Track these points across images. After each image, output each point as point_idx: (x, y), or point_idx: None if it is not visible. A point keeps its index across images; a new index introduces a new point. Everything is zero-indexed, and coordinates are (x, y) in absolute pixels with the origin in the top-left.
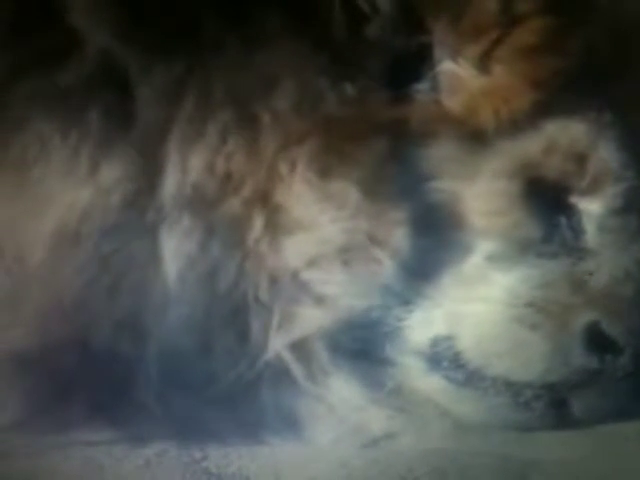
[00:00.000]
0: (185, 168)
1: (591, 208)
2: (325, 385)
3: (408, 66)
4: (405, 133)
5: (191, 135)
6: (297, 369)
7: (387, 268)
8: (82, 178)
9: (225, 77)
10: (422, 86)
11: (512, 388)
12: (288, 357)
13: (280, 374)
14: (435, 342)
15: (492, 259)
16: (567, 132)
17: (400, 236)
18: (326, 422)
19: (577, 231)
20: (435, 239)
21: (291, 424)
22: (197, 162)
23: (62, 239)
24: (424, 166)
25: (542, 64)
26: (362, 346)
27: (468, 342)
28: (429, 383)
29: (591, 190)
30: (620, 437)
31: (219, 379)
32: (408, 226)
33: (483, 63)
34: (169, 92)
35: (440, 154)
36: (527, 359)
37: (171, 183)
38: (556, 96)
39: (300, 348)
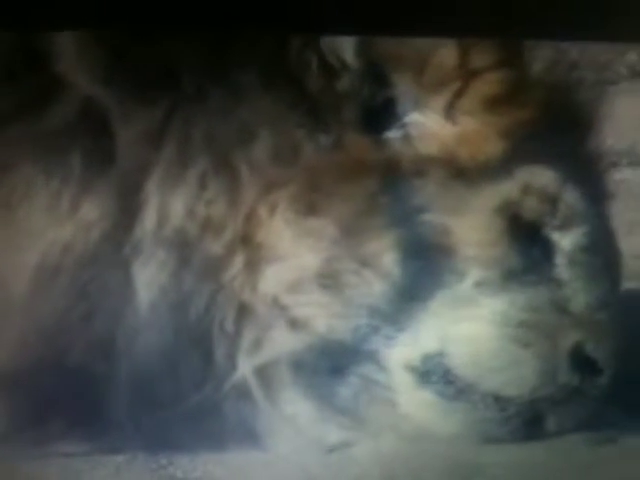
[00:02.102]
0: (165, 211)
1: (563, 244)
2: (285, 401)
3: (377, 117)
4: (396, 171)
5: (171, 179)
6: (258, 393)
7: (377, 290)
8: (64, 216)
9: (204, 125)
10: (393, 134)
11: (500, 403)
12: (252, 381)
13: (243, 394)
14: (425, 359)
15: (480, 285)
16: (538, 177)
17: (391, 261)
18: (285, 433)
19: (552, 264)
20: (426, 264)
21: (253, 435)
22: (178, 206)
23: (44, 270)
24: (415, 200)
25: (505, 115)
26: (332, 364)
27: (460, 359)
28: (418, 397)
29: (563, 228)
30: (571, 443)
31: (186, 398)
32: (399, 252)
33: (449, 114)
34: (149, 137)
35: (430, 190)
36: (519, 376)
37: (150, 222)
38: (523, 144)
39: (264, 372)
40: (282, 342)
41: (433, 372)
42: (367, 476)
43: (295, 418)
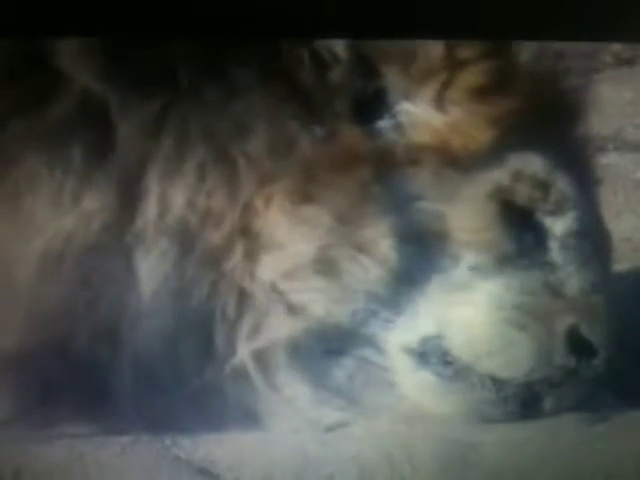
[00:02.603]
0: (166, 201)
1: (555, 229)
2: (283, 384)
3: (368, 107)
4: (390, 160)
5: (170, 171)
6: (257, 376)
7: (373, 275)
8: (66, 207)
9: (201, 119)
10: (384, 124)
11: (497, 384)
12: (250, 365)
13: (243, 377)
14: (424, 341)
15: (475, 269)
16: (528, 164)
17: (387, 247)
18: (284, 414)
19: (544, 248)
20: (421, 250)
21: (252, 417)
22: (178, 197)
23: (48, 259)
24: (409, 188)
25: (493, 104)
26: (330, 347)
27: (457, 341)
28: (418, 378)
29: (554, 213)
30: (563, 422)
31: (187, 382)
32: (394, 238)
33: (438, 104)
34: (148, 130)
35: (423, 179)
36: (515, 357)
37: (151, 213)
38: (513, 133)
39: (262, 356)
40: (280, 327)
41: (431, 354)
42: (363, 455)
43: (293, 400)
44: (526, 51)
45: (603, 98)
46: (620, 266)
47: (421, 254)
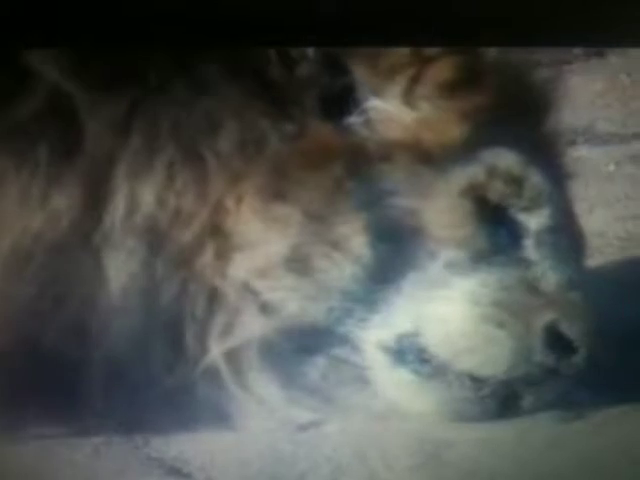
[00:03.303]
0: (134, 200)
1: (530, 225)
2: (256, 383)
3: (337, 103)
4: (362, 157)
5: (139, 169)
6: (228, 375)
7: (348, 273)
8: (34, 206)
9: (170, 116)
10: (354, 120)
11: (476, 382)
12: (222, 365)
13: (214, 377)
14: (400, 339)
15: (451, 265)
16: (502, 159)
17: (361, 244)
18: (257, 414)
19: (520, 244)
20: (396, 246)
21: (224, 416)
22: (147, 196)
23: (16, 257)
24: (382, 185)
25: (463, 99)
26: (304, 346)
27: (434, 339)
28: (395, 376)
29: (529, 209)
30: (540, 419)
31: (158, 381)
32: (369, 235)
33: (408, 99)
34: (115, 128)
35: (396, 175)
36: (493, 355)
37: (119, 211)
38: (485, 128)
39: (234, 356)
40: (253, 326)
41: (408, 351)
42: (338, 455)
43: (265, 399)
44: None
45: (573, 90)
46: (594, 261)
47: (396, 251)
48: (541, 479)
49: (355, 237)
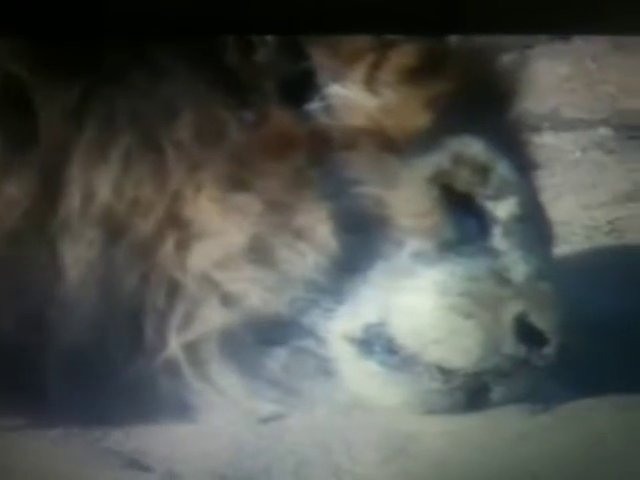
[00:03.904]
0: (91, 189)
1: (497, 214)
2: (217, 375)
3: (297, 89)
4: (324, 144)
5: (95, 158)
6: (188, 367)
7: (312, 263)
8: None
9: (127, 104)
10: (314, 107)
11: (445, 374)
12: (181, 357)
13: (174, 369)
14: (367, 329)
15: (418, 255)
16: (468, 147)
17: (326, 233)
18: (217, 406)
19: (488, 234)
20: (362, 236)
21: (185, 409)
22: (104, 185)
23: None
24: (346, 173)
25: (426, 86)
26: (267, 337)
27: (402, 329)
28: (363, 368)
29: (496, 198)
30: (507, 412)
31: (117, 373)
32: (333, 224)
33: (370, 86)
34: (70, 116)
35: (361, 163)
36: (463, 346)
37: (75, 201)
38: (450, 115)
39: (194, 347)
40: (213, 317)
41: (375, 342)
42: (300, 446)
43: (226, 391)
44: None
45: (538, 75)
46: (560, 250)
47: (362, 240)
48: (509, 472)
49: (319, 227)
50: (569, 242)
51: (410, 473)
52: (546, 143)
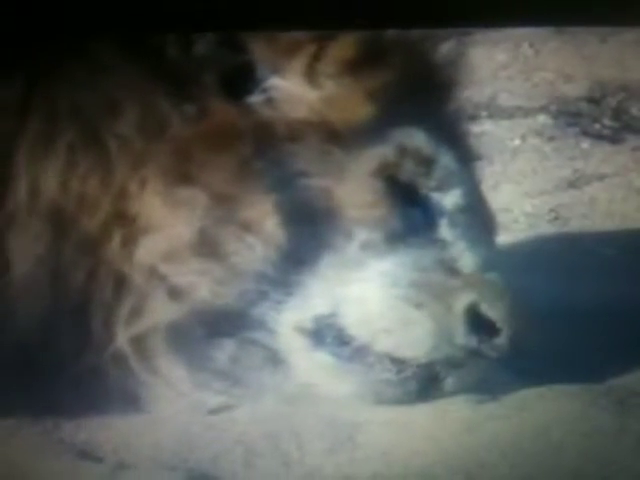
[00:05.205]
0: (37, 184)
1: (443, 205)
2: (163, 368)
3: (237, 82)
4: (269, 136)
5: (39, 153)
6: (136, 360)
7: (261, 255)
8: None
9: (70, 99)
10: (255, 99)
11: (397, 365)
12: (129, 350)
13: (122, 362)
14: (317, 320)
15: (367, 246)
16: (412, 139)
17: (273, 225)
18: (166, 398)
19: (434, 225)
20: (310, 228)
21: (133, 400)
22: (50, 180)
23: None
24: (292, 165)
25: (367, 77)
26: (215, 330)
27: (352, 319)
28: (314, 359)
29: (439, 189)
30: (454, 401)
31: (66, 366)
32: (281, 216)
33: (310, 78)
34: (15, 110)
35: (306, 155)
36: (414, 337)
37: (21, 194)
38: (392, 106)
39: (142, 341)
40: (161, 311)
41: (326, 333)
42: (248, 436)
43: (175, 383)
44: None
45: (476, 63)
46: (502, 238)
47: (310, 232)
48: (456, 461)
49: (267, 219)
50: (511, 230)
51: (357, 462)
52: (485, 131)
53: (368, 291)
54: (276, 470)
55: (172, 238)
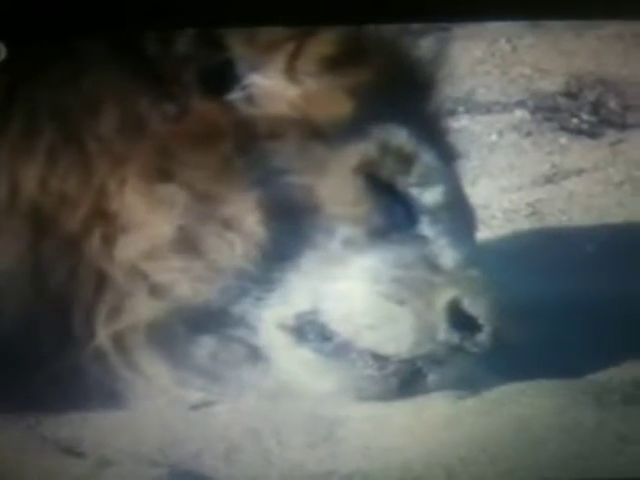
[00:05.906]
0: (17, 182)
1: (423, 201)
2: (143, 365)
3: (217, 80)
4: (250, 134)
5: (19, 152)
6: (115, 357)
7: (242, 252)
8: None
9: (50, 97)
10: (235, 96)
11: (379, 361)
12: (109, 347)
13: (102, 359)
14: (299, 317)
15: (349, 243)
16: (393, 136)
17: (254, 222)
18: (147, 394)
19: (415, 221)
20: (292, 224)
21: (115, 397)
22: (30, 180)
23: None
24: (273, 162)
25: (347, 74)
26: (196, 327)
27: (334, 316)
28: (296, 355)
29: (420, 186)
30: (435, 397)
31: (47, 363)
32: (262, 213)
33: (290, 75)
34: None
35: (288, 152)
36: (396, 333)
37: (3, 194)
38: (373, 103)
39: (123, 338)
40: (142, 308)
41: (309, 330)
42: (231, 434)
43: (155, 380)
44: None
45: (453, 58)
46: (480, 234)
47: (292, 229)
48: (436, 456)
49: (248, 216)
50: (489, 226)
51: (337, 457)
52: (462, 127)
53: (350, 288)
54: (258, 465)
55: (152, 236)
